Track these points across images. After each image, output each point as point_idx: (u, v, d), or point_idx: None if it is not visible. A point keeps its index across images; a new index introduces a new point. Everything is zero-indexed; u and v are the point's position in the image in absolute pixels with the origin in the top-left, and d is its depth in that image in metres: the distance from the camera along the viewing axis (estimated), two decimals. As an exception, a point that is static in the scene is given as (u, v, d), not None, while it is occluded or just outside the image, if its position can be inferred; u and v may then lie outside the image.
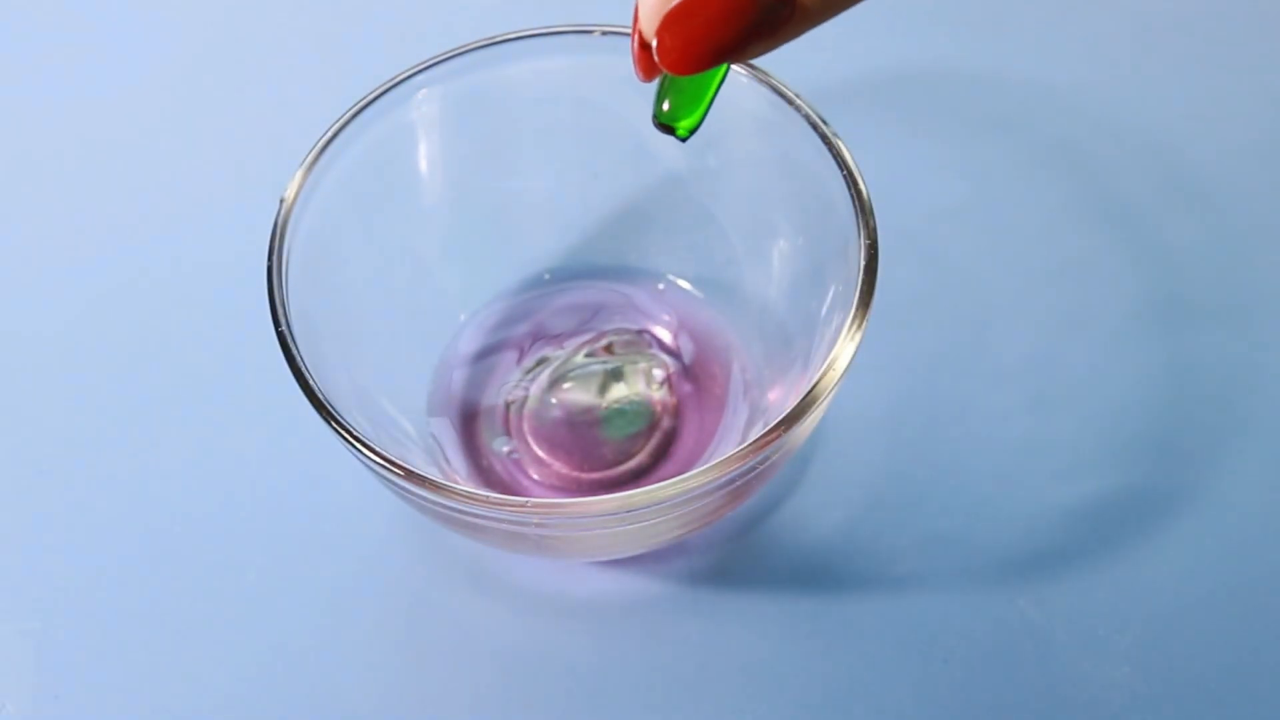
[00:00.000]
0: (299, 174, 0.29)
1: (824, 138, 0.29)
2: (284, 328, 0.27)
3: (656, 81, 0.24)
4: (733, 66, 0.31)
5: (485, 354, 0.36)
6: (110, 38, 0.48)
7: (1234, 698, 0.31)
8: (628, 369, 0.36)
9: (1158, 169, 0.42)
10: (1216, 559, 0.34)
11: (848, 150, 0.29)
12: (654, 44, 0.21)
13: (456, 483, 0.27)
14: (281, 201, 0.29)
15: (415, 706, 0.32)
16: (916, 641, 0.32)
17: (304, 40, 0.48)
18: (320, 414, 0.26)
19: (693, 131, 0.24)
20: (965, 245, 0.40)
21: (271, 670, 0.32)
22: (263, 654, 0.33)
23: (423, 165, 0.34)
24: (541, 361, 0.36)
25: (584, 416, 0.35)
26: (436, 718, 0.32)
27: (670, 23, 0.20)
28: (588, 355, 0.36)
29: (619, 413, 0.35)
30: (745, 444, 0.25)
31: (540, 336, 0.37)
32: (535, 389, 0.36)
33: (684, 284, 0.37)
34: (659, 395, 0.35)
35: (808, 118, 0.30)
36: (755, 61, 0.31)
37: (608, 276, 0.38)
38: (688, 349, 0.36)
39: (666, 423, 0.35)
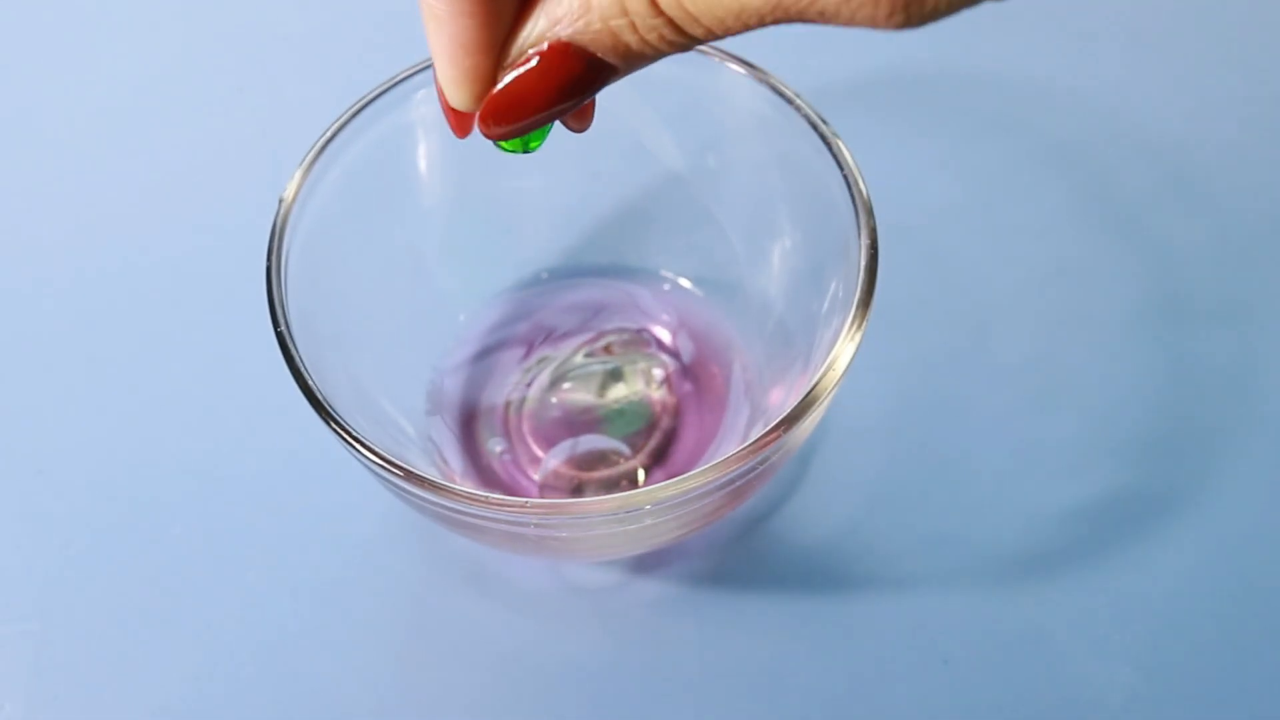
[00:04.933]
0: (298, 174, 0.29)
1: (824, 138, 0.29)
2: (283, 328, 0.27)
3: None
4: (729, 64, 0.31)
5: (484, 354, 0.36)
6: (109, 37, 0.48)
7: (1234, 698, 0.31)
8: (627, 369, 0.36)
9: (1158, 169, 0.42)
10: (1216, 559, 0.34)
11: (848, 150, 0.29)
12: (476, 123, 0.22)
13: (455, 483, 0.27)
14: (281, 201, 0.29)
15: (414, 706, 0.32)
16: (916, 641, 0.32)
17: (304, 40, 0.48)
18: (319, 414, 0.26)
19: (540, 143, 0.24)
20: (965, 245, 0.40)
21: (271, 670, 0.32)
22: (262, 654, 0.33)
23: (422, 165, 0.34)
24: (541, 361, 0.36)
25: (584, 416, 0.35)
26: (435, 717, 0.32)
27: (491, 117, 0.21)
28: (587, 355, 0.36)
29: (619, 413, 0.35)
30: (745, 444, 0.25)
31: (540, 336, 0.37)
32: (535, 389, 0.36)
33: (684, 283, 0.37)
34: (659, 395, 0.35)
35: (808, 118, 0.30)
36: (755, 61, 0.31)
37: (607, 276, 0.38)
38: (687, 349, 0.36)
39: (666, 423, 0.35)
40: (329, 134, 0.30)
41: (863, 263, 0.27)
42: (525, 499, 0.28)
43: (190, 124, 0.45)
